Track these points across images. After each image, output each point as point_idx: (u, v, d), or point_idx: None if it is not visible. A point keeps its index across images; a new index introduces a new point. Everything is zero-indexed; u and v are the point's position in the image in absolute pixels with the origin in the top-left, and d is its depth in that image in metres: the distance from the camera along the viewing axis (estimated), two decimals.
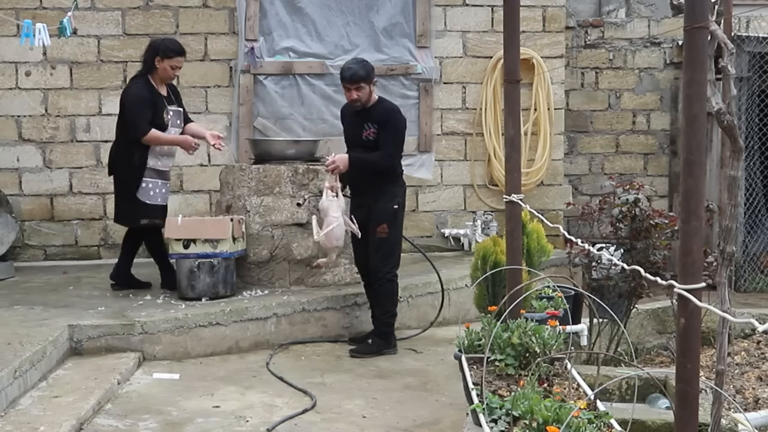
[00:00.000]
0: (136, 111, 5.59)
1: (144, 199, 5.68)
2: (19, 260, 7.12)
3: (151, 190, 5.70)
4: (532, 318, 3.77)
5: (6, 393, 3.94)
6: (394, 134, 5.25)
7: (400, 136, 5.31)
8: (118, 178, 5.79)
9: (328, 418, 4.15)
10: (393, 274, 5.34)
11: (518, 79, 4.01)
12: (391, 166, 5.28)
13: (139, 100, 5.60)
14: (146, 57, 5.71)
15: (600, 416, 2.83)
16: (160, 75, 5.68)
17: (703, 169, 2.16)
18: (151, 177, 5.70)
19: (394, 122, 5.26)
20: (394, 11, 7.37)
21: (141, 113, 5.57)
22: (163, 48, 5.65)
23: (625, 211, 5.14)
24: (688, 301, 2.08)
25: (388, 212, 5.26)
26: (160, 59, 5.62)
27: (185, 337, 5.14)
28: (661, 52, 8.46)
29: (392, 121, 5.25)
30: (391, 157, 5.24)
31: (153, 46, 5.73)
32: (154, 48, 5.68)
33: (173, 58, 5.65)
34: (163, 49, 5.63)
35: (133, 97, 5.63)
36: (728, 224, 3.15)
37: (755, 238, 7.79)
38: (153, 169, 5.69)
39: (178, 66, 5.72)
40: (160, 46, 5.67)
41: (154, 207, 5.73)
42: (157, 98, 5.67)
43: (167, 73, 5.69)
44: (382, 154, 5.20)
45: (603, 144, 8.54)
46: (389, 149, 5.21)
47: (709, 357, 5.29)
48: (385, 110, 5.27)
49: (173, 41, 5.86)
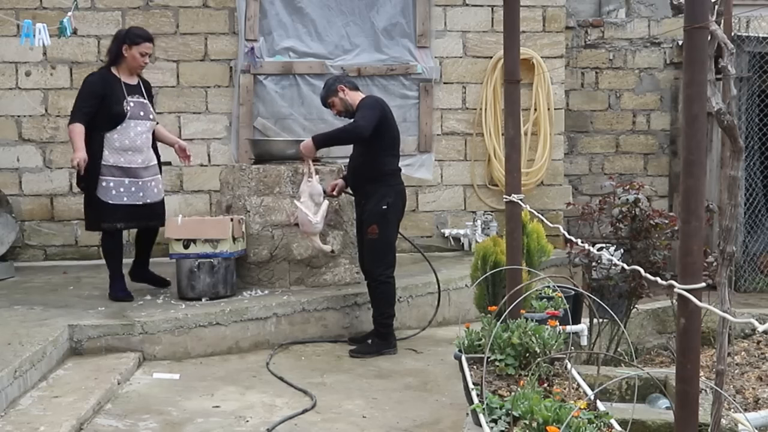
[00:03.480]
0: (77, 100, 5.39)
1: (105, 199, 5.38)
2: (19, 260, 7.12)
3: (113, 189, 5.39)
4: (532, 318, 3.77)
5: (6, 393, 3.94)
6: (362, 109, 5.23)
7: (368, 107, 5.21)
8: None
9: (328, 418, 4.15)
10: (387, 275, 5.32)
11: (518, 79, 4.01)
12: (359, 131, 5.13)
13: (83, 90, 5.38)
14: (111, 47, 5.48)
15: (600, 416, 2.83)
16: (129, 64, 5.43)
17: (703, 169, 2.16)
18: (113, 175, 5.38)
19: (360, 104, 5.28)
20: (394, 11, 7.37)
21: (79, 102, 5.35)
22: (131, 35, 5.43)
23: (625, 211, 5.15)
24: (688, 301, 2.08)
25: (377, 213, 5.25)
26: (128, 47, 5.39)
27: (185, 337, 5.14)
28: (661, 52, 8.46)
29: (359, 106, 5.28)
30: (356, 124, 5.17)
31: (119, 35, 5.51)
32: (121, 37, 5.45)
33: (141, 44, 5.41)
34: (130, 37, 5.42)
35: (85, 87, 5.40)
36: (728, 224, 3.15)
37: (755, 238, 7.79)
38: (115, 167, 5.39)
39: (147, 53, 5.47)
40: (128, 34, 5.45)
41: (117, 207, 5.40)
42: (115, 86, 5.38)
43: (137, 62, 5.44)
44: (347, 124, 5.26)
45: (603, 144, 8.54)
46: (355, 119, 5.21)
47: (709, 357, 5.29)
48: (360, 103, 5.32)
49: (140, 28, 5.65)
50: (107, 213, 5.41)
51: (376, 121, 5.15)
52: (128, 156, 5.44)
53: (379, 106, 5.26)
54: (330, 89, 5.40)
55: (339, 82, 5.45)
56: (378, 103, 5.31)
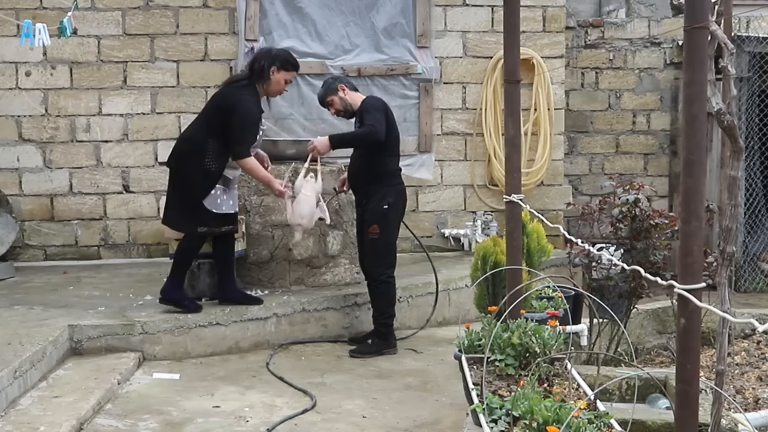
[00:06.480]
0: (247, 131, 5.06)
1: (210, 208, 5.14)
2: (19, 260, 7.12)
3: (218, 198, 5.17)
4: (532, 318, 3.77)
5: (6, 393, 3.95)
6: (370, 110, 5.23)
7: (376, 110, 5.24)
8: (183, 181, 5.18)
9: (328, 418, 4.16)
10: (388, 275, 5.33)
11: (518, 79, 4.01)
12: (376, 136, 5.15)
13: (251, 120, 5.08)
14: (258, 64, 5.12)
15: (600, 416, 2.83)
16: (270, 87, 5.17)
17: (703, 169, 2.16)
18: (219, 184, 5.19)
19: (367, 105, 5.29)
20: (395, 11, 7.37)
21: (249, 135, 5.08)
22: (282, 59, 5.15)
23: (625, 211, 5.14)
24: (688, 301, 2.08)
25: (378, 213, 5.26)
26: (276, 69, 5.11)
27: (185, 337, 5.14)
28: (661, 52, 8.46)
29: (365, 106, 5.29)
30: (372, 127, 5.16)
31: (268, 54, 5.21)
32: (270, 57, 5.15)
33: (290, 71, 5.18)
34: (281, 61, 5.13)
35: (248, 114, 5.06)
36: (728, 224, 3.15)
37: (755, 238, 7.78)
38: (223, 177, 5.20)
39: (291, 81, 5.27)
40: (278, 57, 5.16)
41: (215, 216, 5.18)
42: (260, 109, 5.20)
43: (280, 87, 5.17)
44: (361, 128, 5.25)
45: (603, 144, 8.54)
46: (368, 121, 5.20)
47: (709, 357, 5.29)
48: (362, 104, 5.34)
49: (291, 54, 5.32)
50: (208, 219, 5.16)
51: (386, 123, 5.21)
52: (232, 169, 5.26)
53: (383, 107, 5.29)
54: (329, 88, 5.40)
55: (339, 81, 5.46)
56: (382, 104, 5.34)
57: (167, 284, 5.29)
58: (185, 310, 5.24)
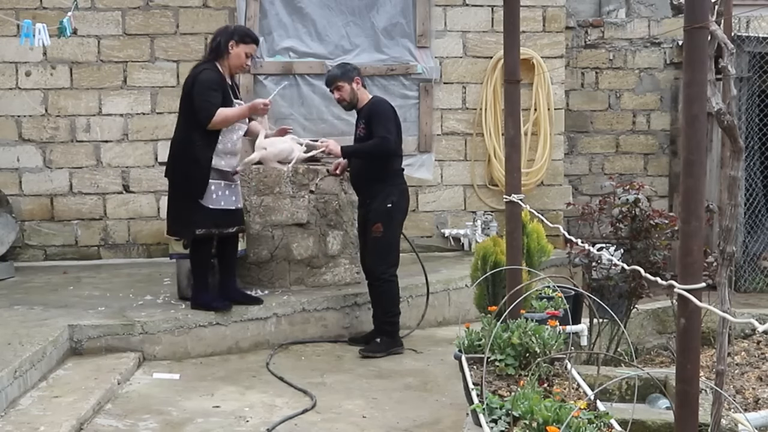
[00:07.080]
0: (206, 95, 5.00)
1: (207, 204, 5.07)
2: (19, 260, 7.12)
3: (213, 193, 5.10)
4: (532, 318, 3.77)
5: (6, 393, 3.95)
6: (382, 119, 5.24)
7: (389, 119, 5.26)
8: (177, 179, 5.15)
9: (328, 418, 4.16)
10: (390, 274, 5.34)
11: (518, 79, 4.01)
12: (390, 149, 5.22)
13: (209, 84, 5.02)
14: (216, 41, 5.16)
15: (600, 416, 2.83)
16: (231, 62, 5.14)
17: (703, 169, 2.16)
18: (213, 178, 5.10)
19: (378, 110, 5.29)
20: (394, 11, 7.37)
21: (211, 99, 5.00)
22: (240, 33, 5.18)
23: (625, 211, 5.14)
24: (688, 301, 2.08)
25: (382, 212, 5.27)
26: (235, 44, 5.10)
27: (185, 337, 5.14)
28: (661, 52, 8.46)
29: (375, 110, 5.29)
30: (386, 140, 5.20)
31: (226, 30, 5.24)
32: (228, 33, 5.18)
33: (249, 44, 5.16)
34: (239, 34, 5.16)
35: (205, 79, 5.03)
36: (728, 224, 3.15)
37: (755, 238, 7.79)
38: (215, 169, 5.10)
39: (252, 54, 5.22)
40: (236, 31, 5.20)
41: (214, 212, 5.11)
42: (225, 85, 5.13)
43: (240, 60, 5.14)
44: (375, 140, 5.23)
45: (603, 144, 8.54)
46: (380, 132, 5.21)
47: (709, 357, 5.29)
48: (370, 104, 5.35)
49: (248, 29, 5.41)
50: (204, 218, 5.08)
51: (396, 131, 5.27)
52: (228, 159, 5.18)
53: (393, 115, 5.32)
54: (346, 74, 5.34)
55: (357, 73, 5.41)
56: (391, 111, 5.34)
57: (193, 292, 5.37)
58: (217, 311, 5.26)
